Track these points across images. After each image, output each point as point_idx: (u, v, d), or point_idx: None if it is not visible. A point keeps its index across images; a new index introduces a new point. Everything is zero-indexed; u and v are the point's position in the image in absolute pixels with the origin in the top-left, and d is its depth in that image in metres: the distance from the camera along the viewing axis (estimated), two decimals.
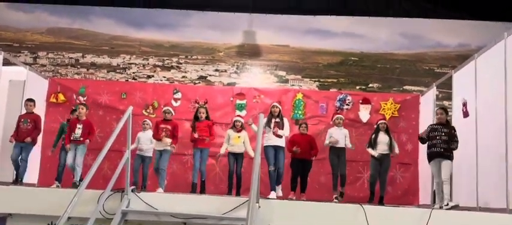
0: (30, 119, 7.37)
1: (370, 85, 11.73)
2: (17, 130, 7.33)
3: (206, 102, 7.62)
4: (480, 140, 6.41)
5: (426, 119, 8.51)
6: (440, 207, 5.83)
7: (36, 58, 12.00)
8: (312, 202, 5.79)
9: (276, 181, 6.94)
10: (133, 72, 12.02)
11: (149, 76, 11.98)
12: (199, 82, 11.69)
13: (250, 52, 11.98)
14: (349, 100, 9.29)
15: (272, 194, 6.74)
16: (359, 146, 8.07)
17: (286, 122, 7.15)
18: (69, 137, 7.18)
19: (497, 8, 11.07)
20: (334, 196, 7.16)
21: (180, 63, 12.01)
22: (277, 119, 7.00)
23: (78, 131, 7.11)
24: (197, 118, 7.28)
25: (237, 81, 11.69)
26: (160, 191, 6.68)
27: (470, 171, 6.47)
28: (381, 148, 7.07)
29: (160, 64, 12.05)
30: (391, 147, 7.11)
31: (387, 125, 7.34)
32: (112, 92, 9.40)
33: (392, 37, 11.80)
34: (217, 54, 12.02)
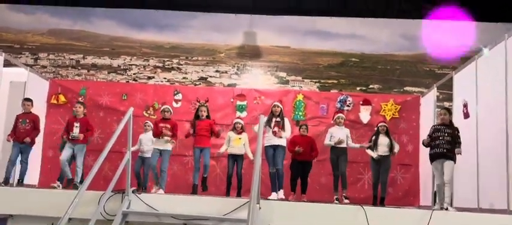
0: (29, 120, 7.24)
1: (371, 86, 11.72)
2: (14, 130, 7.18)
3: (207, 101, 7.56)
4: (481, 142, 6.41)
5: (427, 120, 8.52)
6: (441, 208, 5.82)
7: (37, 60, 12.01)
8: (312, 203, 5.79)
9: (277, 184, 6.82)
10: (133, 73, 12.03)
11: (150, 78, 11.98)
12: (200, 84, 11.69)
13: (250, 53, 11.98)
14: (349, 101, 9.28)
15: (273, 195, 6.72)
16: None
17: (287, 122, 7.08)
18: (66, 136, 7.11)
19: (498, 9, 11.07)
20: (334, 197, 7.16)
21: (180, 64, 12.02)
22: (278, 119, 6.92)
23: (76, 130, 7.01)
24: (198, 117, 7.21)
25: (238, 82, 11.69)
26: (160, 192, 6.68)
27: (471, 172, 6.46)
28: (381, 150, 7.16)
29: (160, 65, 12.06)
30: (391, 149, 7.16)
31: (387, 128, 7.40)
32: (113, 93, 9.41)
33: (392, 38, 11.80)
34: (218, 55, 12.02)
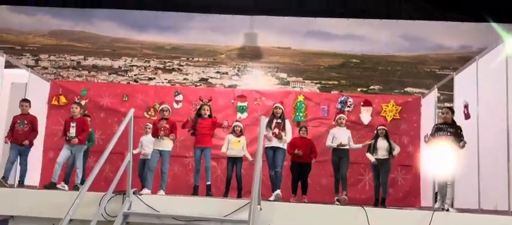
0: (27, 121, 7.15)
1: (371, 87, 11.72)
2: (12, 131, 7.09)
3: (210, 100, 7.51)
4: (481, 142, 6.40)
5: (427, 121, 8.51)
6: (442, 208, 5.82)
7: (38, 61, 12.03)
8: (313, 204, 5.79)
9: (275, 185, 6.75)
10: (134, 75, 12.04)
11: (150, 79, 11.99)
12: (201, 85, 11.70)
13: (251, 54, 11.99)
14: (350, 102, 9.28)
15: (273, 196, 6.69)
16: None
17: (288, 125, 7.00)
18: (63, 137, 7.06)
19: (499, 9, 11.07)
20: (335, 198, 7.16)
21: (181, 65, 12.02)
22: (279, 120, 6.87)
23: (72, 130, 6.98)
24: (200, 115, 7.14)
25: (238, 83, 11.69)
26: (161, 193, 6.68)
27: (472, 173, 6.46)
28: (381, 153, 7.28)
29: (161, 66, 12.06)
30: (390, 152, 7.26)
31: (386, 131, 7.48)
32: (113, 94, 9.41)
33: (393, 39, 11.80)
34: (219, 56, 12.03)
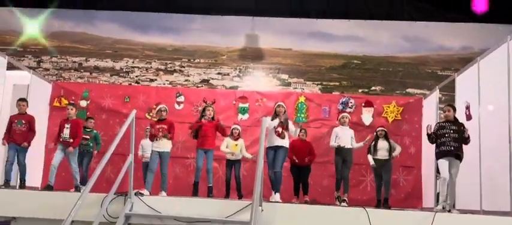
0: (25, 121, 7.05)
1: (373, 88, 11.72)
2: (9, 131, 6.98)
3: (214, 102, 7.50)
4: (483, 143, 6.39)
5: (429, 122, 8.45)
6: (443, 207, 5.81)
7: (40, 63, 12.06)
8: (314, 205, 5.80)
9: (274, 187, 6.63)
10: (136, 76, 12.06)
11: (152, 80, 12.02)
12: (202, 86, 11.72)
13: (252, 55, 12.00)
14: (351, 103, 9.27)
15: (273, 196, 6.56)
16: (362, 149, 8.06)
17: (290, 123, 6.90)
18: (58, 138, 7.05)
19: (500, 10, 11.07)
20: (336, 195, 7.12)
21: (182, 67, 12.04)
22: (282, 119, 6.77)
23: (66, 132, 6.95)
24: (204, 116, 7.06)
25: (240, 84, 11.71)
26: (163, 194, 6.68)
27: (474, 174, 6.45)
28: (381, 154, 7.27)
29: (163, 68, 12.08)
30: (391, 152, 7.27)
31: (385, 132, 7.49)
32: (115, 96, 9.42)
33: (394, 40, 11.81)
34: (220, 57, 12.05)
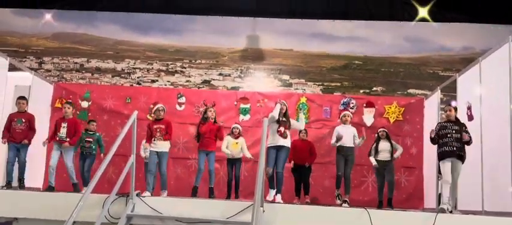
0: (25, 119, 6.97)
1: (374, 88, 11.72)
2: (8, 130, 6.89)
3: (214, 105, 7.54)
4: (485, 144, 6.38)
5: (431, 122, 8.49)
6: (445, 209, 5.80)
7: (42, 64, 12.08)
8: (316, 206, 5.80)
9: (275, 188, 6.54)
10: (137, 77, 12.08)
11: (153, 81, 12.03)
12: (203, 87, 11.73)
13: (253, 56, 12.01)
14: (353, 103, 9.27)
15: (271, 193, 6.47)
16: (364, 150, 8.05)
17: (292, 120, 6.88)
18: (53, 136, 7.01)
19: (501, 11, 11.06)
20: (336, 193, 7.05)
21: (184, 68, 12.06)
22: (284, 119, 6.69)
23: (63, 131, 6.92)
24: (206, 119, 7.07)
25: (241, 85, 11.72)
26: (164, 195, 6.69)
27: (475, 174, 6.44)
28: (383, 156, 7.28)
29: (164, 68, 12.10)
30: (392, 153, 7.29)
31: (387, 133, 7.51)
32: (117, 97, 9.42)
33: (396, 40, 11.81)
34: (221, 58, 12.06)
